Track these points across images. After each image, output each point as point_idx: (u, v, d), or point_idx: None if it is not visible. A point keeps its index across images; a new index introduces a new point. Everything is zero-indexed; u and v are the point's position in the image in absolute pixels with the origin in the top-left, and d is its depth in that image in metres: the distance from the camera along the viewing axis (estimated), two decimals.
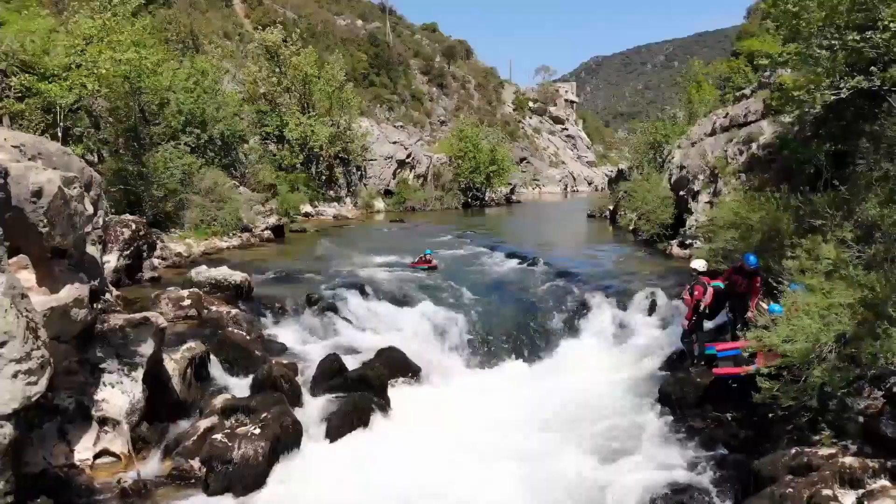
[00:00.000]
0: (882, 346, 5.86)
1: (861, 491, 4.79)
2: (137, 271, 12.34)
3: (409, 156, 40.58)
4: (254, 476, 6.07)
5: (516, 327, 11.02)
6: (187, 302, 9.39)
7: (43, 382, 5.07)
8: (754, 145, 15.76)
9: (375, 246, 19.25)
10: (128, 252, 11.87)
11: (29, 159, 7.14)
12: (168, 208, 17.89)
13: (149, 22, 19.64)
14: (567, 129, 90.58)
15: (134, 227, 12.35)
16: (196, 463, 6.37)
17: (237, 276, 10.98)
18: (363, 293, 12.05)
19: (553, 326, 11.00)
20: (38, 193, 5.79)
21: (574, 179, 77.74)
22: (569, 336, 10.69)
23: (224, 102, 24.91)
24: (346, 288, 12.12)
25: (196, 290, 9.84)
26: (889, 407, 5.79)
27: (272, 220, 22.16)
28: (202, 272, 10.92)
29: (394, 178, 39.45)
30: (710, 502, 5.81)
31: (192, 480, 6.31)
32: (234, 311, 9.55)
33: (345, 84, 34.85)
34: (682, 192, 18.27)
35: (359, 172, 37.37)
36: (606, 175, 66.60)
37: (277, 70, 32.00)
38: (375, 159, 38.05)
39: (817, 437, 5.96)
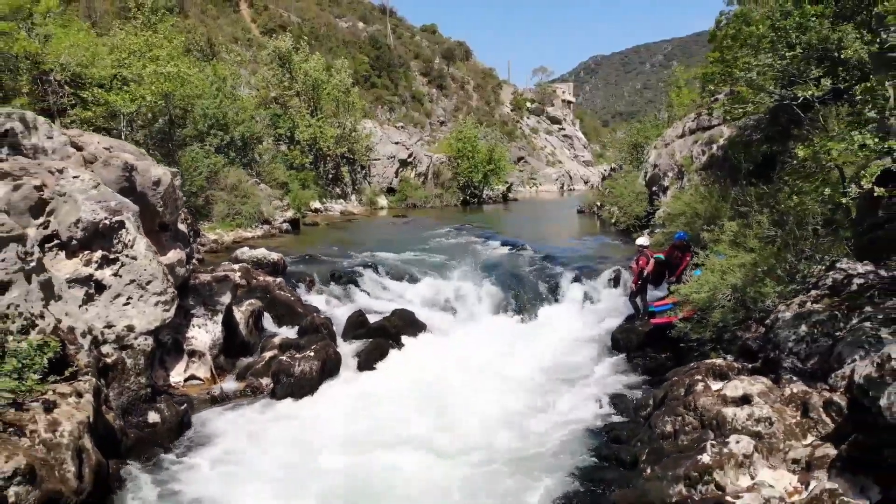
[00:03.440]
0: (758, 290, 8.24)
1: (725, 381, 7.10)
2: None
3: (410, 155, 42.90)
4: (309, 386, 8.43)
5: (504, 296, 13.33)
6: (238, 273, 11.68)
7: (172, 311, 7.42)
8: (714, 146, 18.05)
9: (383, 237, 21.61)
10: None
11: None
12: (199, 203, 20.23)
13: (184, 39, 21.93)
14: (564, 129, 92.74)
15: (183, 216, 14.67)
16: (264, 381, 8.72)
17: (274, 256, 13.31)
18: (376, 271, 14.39)
19: (534, 295, 13.33)
20: (157, 183, 8.14)
21: (570, 178, 79.83)
22: (547, 303, 13.03)
23: (242, 107, 27.27)
24: (362, 267, 14.45)
25: (244, 264, 12.15)
26: (762, 333, 8.11)
27: (289, 214, 24.55)
28: (245, 252, 13.23)
29: (396, 177, 41.74)
30: (632, 401, 8.16)
31: (262, 393, 8.65)
32: (278, 279, 11.87)
33: (351, 88, 37.17)
34: (654, 188, 20.60)
35: (363, 171, 39.70)
36: (602, 174, 68.87)
37: (288, 75, 34.32)
38: (379, 159, 40.40)
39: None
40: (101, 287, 7.14)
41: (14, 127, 8.82)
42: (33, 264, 6.29)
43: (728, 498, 4.88)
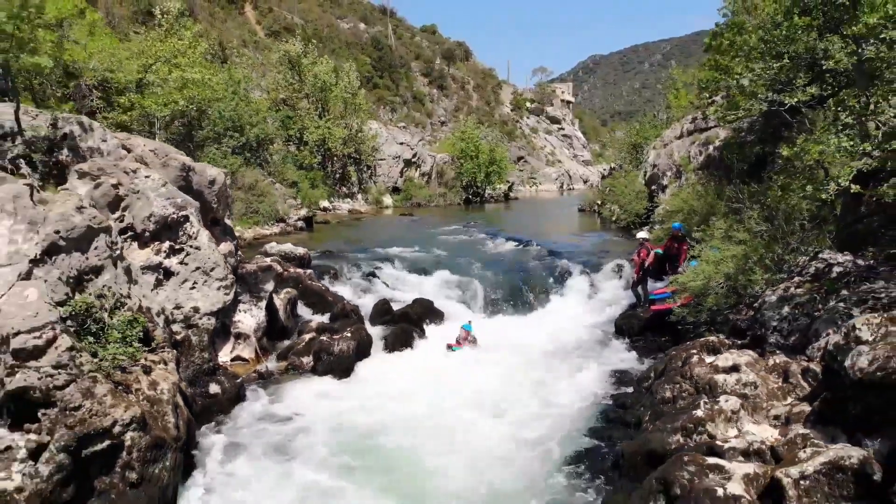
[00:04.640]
0: (748, 278, 9.25)
1: (718, 354, 8.11)
2: None
3: (414, 156, 43.91)
4: (346, 364, 9.43)
5: (514, 288, 14.32)
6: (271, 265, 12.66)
7: (231, 295, 8.40)
8: (711, 147, 19.07)
9: (394, 235, 22.58)
10: None
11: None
12: None
13: (206, 47, 22.87)
14: (563, 129, 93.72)
15: None
16: (305, 359, 9.70)
17: (300, 250, 14.27)
18: (393, 264, 15.40)
19: (542, 287, 14.32)
20: (213, 182, 9.11)
21: (570, 178, 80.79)
22: (554, 294, 14.02)
23: (255, 110, 28.23)
24: (379, 261, 15.48)
25: (275, 256, 13.12)
26: (751, 315, 9.12)
27: (303, 212, 25.55)
28: (274, 247, 14.20)
29: (401, 177, 42.75)
30: (635, 376, 9.17)
31: (303, 370, 9.64)
32: (308, 270, 12.86)
33: (358, 91, 38.17)
34: (653, 187, 21.62)
35: (369, 171, 40.75)
36: (601, 173, 69.89)
37: (297, 78, 35.30)
38: (384, 159, 41.42)
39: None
40: (168, 273, 8.12)
41: (73, 130, 9.82)
42: (118, 252, 7.26)
43: (718, 443, 5.87)
